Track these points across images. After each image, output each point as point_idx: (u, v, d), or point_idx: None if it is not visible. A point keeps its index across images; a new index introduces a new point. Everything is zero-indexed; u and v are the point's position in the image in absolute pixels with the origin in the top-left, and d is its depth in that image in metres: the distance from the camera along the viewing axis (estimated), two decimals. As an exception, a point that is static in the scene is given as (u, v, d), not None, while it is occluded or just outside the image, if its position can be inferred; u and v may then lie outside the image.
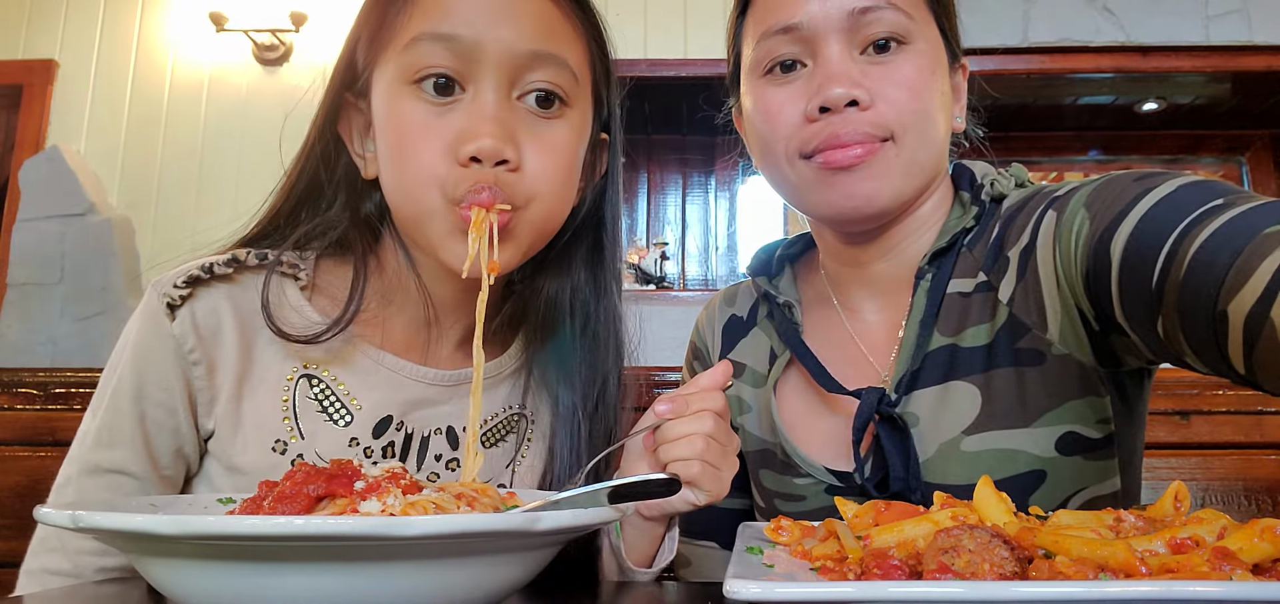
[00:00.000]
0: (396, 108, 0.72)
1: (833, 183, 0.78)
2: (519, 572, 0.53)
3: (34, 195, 2.88)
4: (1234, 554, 0.43)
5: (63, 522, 0.47)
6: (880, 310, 0.89)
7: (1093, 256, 0.67)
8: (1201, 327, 0.54)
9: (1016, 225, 0.80)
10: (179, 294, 0.72)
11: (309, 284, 0.79)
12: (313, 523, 0.43)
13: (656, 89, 2.98)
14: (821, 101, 0.76)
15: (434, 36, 0.70)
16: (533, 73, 0.72)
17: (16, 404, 1.95)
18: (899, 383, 0.80)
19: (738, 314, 1.01)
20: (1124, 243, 0.62)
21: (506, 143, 0.70)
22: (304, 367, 0.76)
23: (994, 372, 0.76)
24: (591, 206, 0.86)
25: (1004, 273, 0.78)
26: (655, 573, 0.78)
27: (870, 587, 0.44)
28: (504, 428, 0.85)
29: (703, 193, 3.40)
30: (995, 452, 0.75)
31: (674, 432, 0.71)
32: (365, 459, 0.76)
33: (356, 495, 0.52)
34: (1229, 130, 3.53)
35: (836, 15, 0.77)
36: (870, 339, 0.89)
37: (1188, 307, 0.55)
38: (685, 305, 2.73)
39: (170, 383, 0.73)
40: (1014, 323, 0.76)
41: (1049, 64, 2.93)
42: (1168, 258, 0.57)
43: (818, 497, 0.85)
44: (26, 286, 2.83)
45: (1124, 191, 0.66)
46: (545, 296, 0.85)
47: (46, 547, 0.74)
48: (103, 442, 0.73)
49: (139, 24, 3.31)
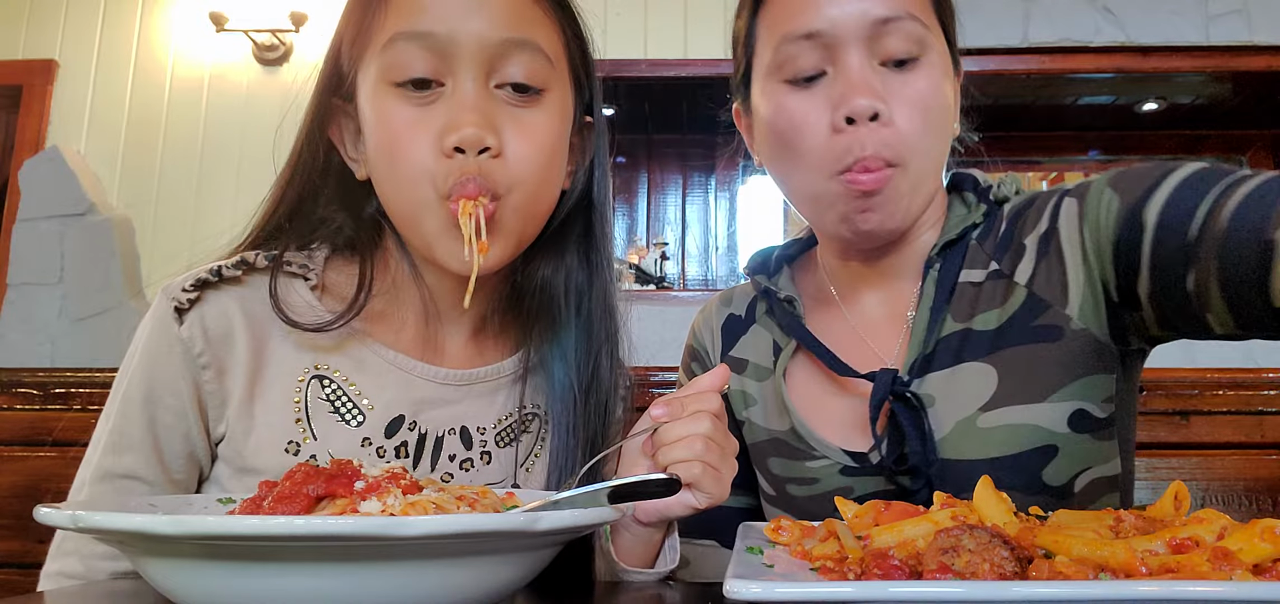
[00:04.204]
0: (381, 109, 0.73)
1: (853, 207, 0.80)
2: (519, 572, 0.53)
3: (34, 195, 2.88)
4: (1234, 554, 0.43)
5: (63, 522, 0.47)
6: (882, 302, 0.91)
7: (1124, 226, 0.73)
8: (1248, 261, 0.60)
9: (1027, 218, 0.84)
10: (187, 298, 0.73)
11: (319, 284, 0.80)
12: (313, 523, 0.43)
13: (656, 89, 2.98)
14: (847, 112, 0.77)
15: (410, 35, 0.72)
16: (508, 61, 0.74)
17: (16, 404, 1.95)
18: (911, 366, 0.82)
19: (736, 313, 1.02)
20: (1160, 208, 0.69)
21: (487, 130, 0.71)
22: (315, 368, 0.76)
23: (1007, 350, 0.80)
24: (582, 190, 0.86)
25: (1020, 258, 0.82)
26: (657, 575, 0.77)
27: (870, 587, 0.44)
28: (518, 427, 0.85)
29: (703, 193, 3.41)
30: (1010, 426, 0.78)
31: (672, 434, 0.71)
32: (378, 459, 0.76)
33: (356, 495, 0.52)
34: (1229, 130, 3.53)
35: (859, 25, 0.78)
36: (873, 330, 0.91)
37: (1233, 245, 0.62)
38: (685, 305, 2.73)
39: (180, 387, 0.73)
40: (1033, 301, 0.80)
41: (1049, 64, 2.93)
42: (1209, 212, 0.65)
43: (832, 478, 0.86)
44: (26, 287, 2.83)
45: (1151, 170, 0.73)
46: (540, 282, 0.85)
47: (62, 551, 0.74)
48: (113, 447, 0.73)
49: (139, 24, 3.31)
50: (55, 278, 2.83)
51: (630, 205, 3.42)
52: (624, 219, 3.45)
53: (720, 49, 3.08)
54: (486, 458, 0.82)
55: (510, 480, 0.83)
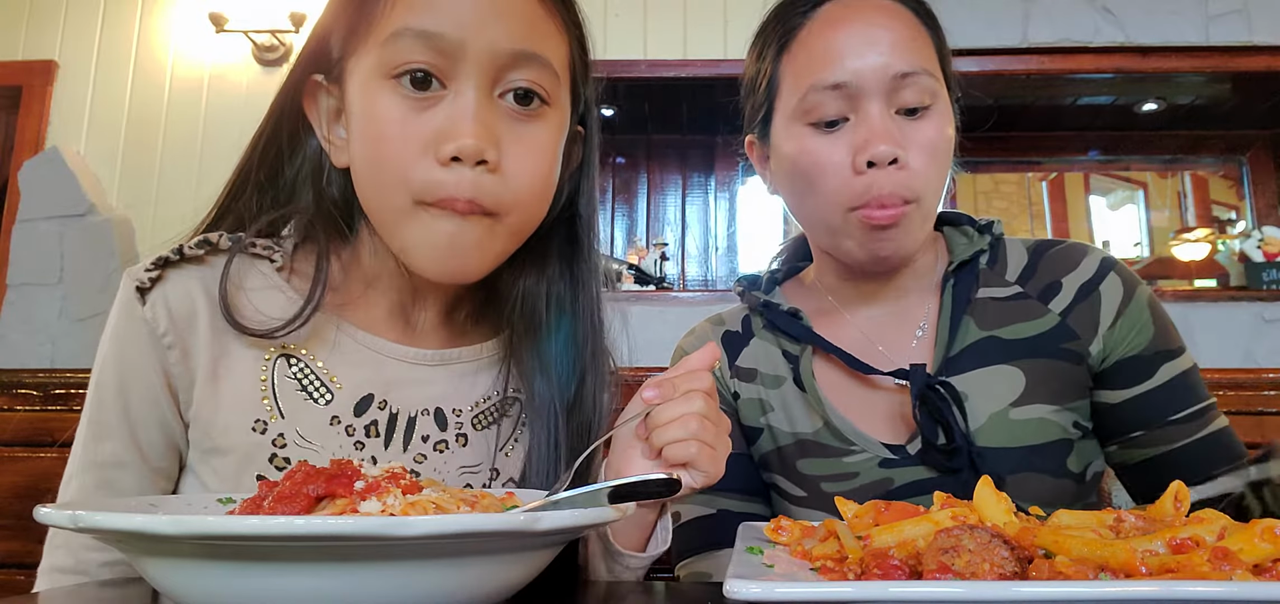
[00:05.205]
0: (373, 101, 0.71)
1: (869, 237, 0.88)
2: (519, 572, 0.53)
3: (34, 195, 2.88)
4: (1234, 554, 0.44)
5: (63, 522, 0.47)
6: (888, 315, 0.97)
7: (1133, 362, 0.90)
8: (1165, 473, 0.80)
9: (1056, 261, 0.96)
10: (148, 277, 0.72)
11: (286, 266, 0.79)
12: (313, 523, 0.43)
13: (656, 89, 2.98)
14: (869, 156, 0.85)
15: (417, 33, 0.69)
16: (515, 72, 0.72)
17: (16, 405, 1.95)
18: (939, 366, 0.91)
19: (732, 329, 1.04)
20: (1168, 377, 0.90)
21: (488, 143, 0.69)
22: (282, 347, 0.75)
23: (1035, 359, 0.90)
24: (567, 199, 0.85)
25: (1055, 293, 0.94)
26: (649, 558, 0.77)
27: (870, 587, 0.45)
28: (496, 411, 0.84)
29: (702, 193, 3.41)
30: (1039, 420, 0.89)
31: (665, 416, 0.70)
32: (347, 438, 0.75)
33: (356, 495, 0.52)
34: (1229, 130, 3.54)
35: (881, 79, 0.86)
36: (882, 337, 0.96)
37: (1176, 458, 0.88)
38: (685, 306, 2.73)
39: (148, 370, 0.73)
40: (1065, 328, 0.92)
41: (1049, 64, 2.93)
42: (1187, 418, 0.89)
43: (871, 471, 0.91)
44: (26, 287, 2.83)
45: (1173, 331, 0.92)
46: (522, 289, 0.84)
47: (53, 545, 0.75)
48: (93, 436, 0.74)
49: (139, 24, 3.31)
50: (55, 278, 2.83)
51: (630, 205, 3.42)
52: (624, 219, 3.45)
53: (720, 49, 3.08)
54: (463, 440, 0.80)
55: (488, 464, 0.81)
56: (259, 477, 0.72)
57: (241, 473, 0.73)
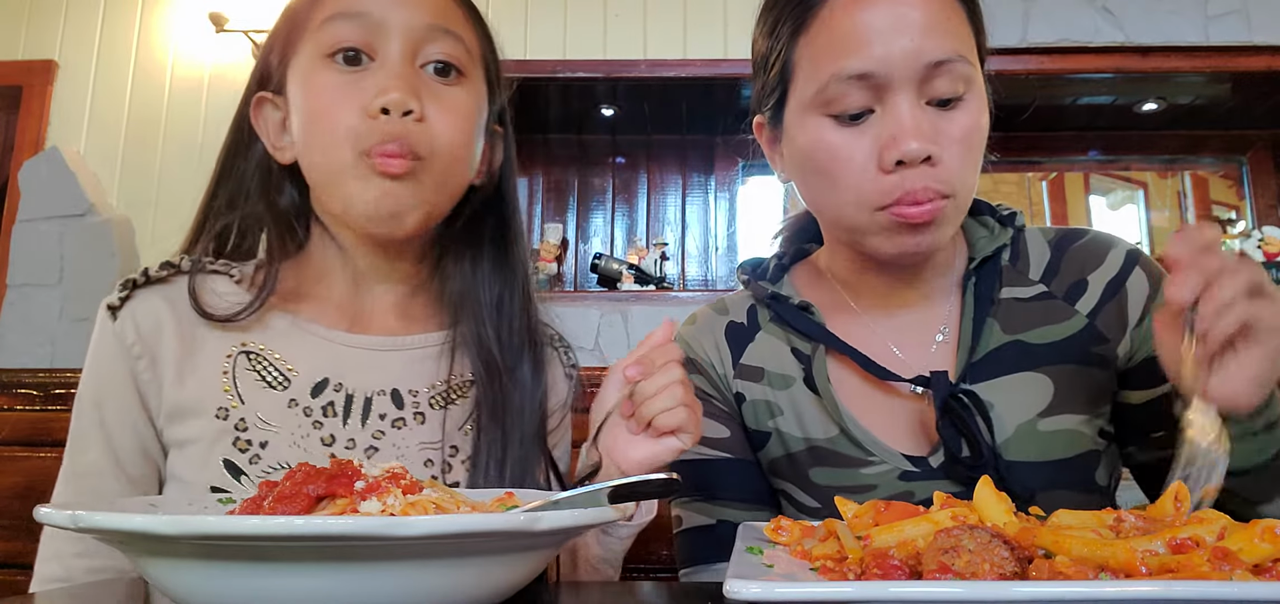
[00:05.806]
0: (313, 80, 0.82)
1: (900, 233, 0.80)
2: (519, 572, 0.53)
3: (34, 195, 2.88)
4: (1234, 554, 0.44)
5: (63, 522, 0.47)
6: (906, 313, 0.91)
7: None
8: None
9: (1082, 256, 0.89)
10: (119, 297, 0.82)
11: (245, 280, 0.86)
12: (313, 523, 0.43)
13: (656, 89, 2.97)
14: (899, 155, 0.76)
15: (346, 15, 0.81)
16: (433, 45, 0.83)
17: (16, 405, 1.95)
18: (961, 372, 0.85)
19: (736, 320, 0.97)
20: (1169, 392, 0.82)
21: (411, 96, 0.79)
22: (243, 345, 0.83)
23: (1063, 366, 0.85)
24: (493, 191, 0.93)
25: (1081, 292, 0.88)
26: (634, 528, 0.82)
27: (870, 587, 0.45)
28: (455, 392, 0.89)
29: (702, 193, 3.40)
30: (1069, 431, 0.84)
31: (651, 389, 0.75)
32: (306, 418, 0.81)
33: (356, 495, 0.52)
34: (1229, 130, 3.53)
35: (912, 68, 0.77)
36: (900, 338, 0.90)
37: None
38: (685, 305, 2.73)
39: (119, 379, 0.81)
40: (1093, 331, 0.86)
41: (1048, 64, 2.93)
42: None
43: (891, 485, 0.85)
44: (26, 287, 2.83)
45: None
46: (459, 286, 0.92)
47: (44, 557, 0.81)
48: (76, 449, 0.82)
49: (139, 24, 3.31)
50: (55, 278, 2.83)
51: (630, 205, 3.42)
52: (624, 219, 3.44)
53: (720, 49, 3.08)
54: (420, 418, 0.86)
55: (447, 441, 0.86)
56: (225, 460, 0.78)
57: (208, 457, 0.79)
